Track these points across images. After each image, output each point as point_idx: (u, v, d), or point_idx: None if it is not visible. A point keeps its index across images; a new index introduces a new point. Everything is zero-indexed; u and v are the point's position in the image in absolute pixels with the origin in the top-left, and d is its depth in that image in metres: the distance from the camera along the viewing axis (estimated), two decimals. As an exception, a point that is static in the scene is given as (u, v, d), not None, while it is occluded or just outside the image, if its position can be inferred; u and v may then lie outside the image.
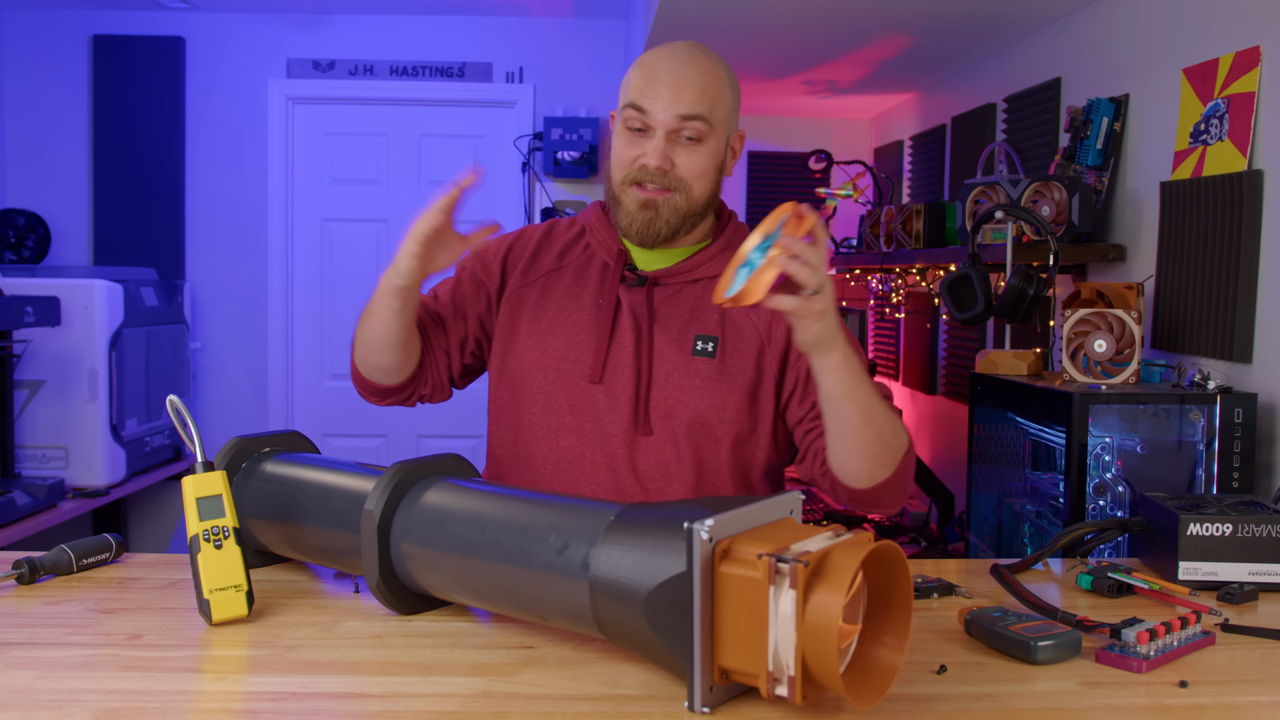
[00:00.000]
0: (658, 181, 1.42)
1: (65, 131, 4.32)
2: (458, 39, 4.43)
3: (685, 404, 1.44)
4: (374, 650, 1.03)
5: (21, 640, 1.05)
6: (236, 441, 1.30)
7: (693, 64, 1.42)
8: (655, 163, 1.40)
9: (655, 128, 1.40)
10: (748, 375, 1.45)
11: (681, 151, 1.41)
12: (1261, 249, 2.02)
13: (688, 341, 1.45)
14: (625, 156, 1.44)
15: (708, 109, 1.40)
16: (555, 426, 1.46)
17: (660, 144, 1.40)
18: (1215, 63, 2.16)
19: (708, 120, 1.41)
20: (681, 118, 1.39)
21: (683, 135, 1.41)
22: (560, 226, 1.59)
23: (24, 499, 2.90)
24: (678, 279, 1.48)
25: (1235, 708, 0.92)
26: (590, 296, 1.49)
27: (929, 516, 3.46)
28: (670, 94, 1.39)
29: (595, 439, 1.45)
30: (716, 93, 1.42)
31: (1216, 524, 1.27)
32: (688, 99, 1.39)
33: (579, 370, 1.46)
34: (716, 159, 1.45)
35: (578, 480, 1.45)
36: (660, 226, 1.44)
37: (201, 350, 4.40)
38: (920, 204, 3.30)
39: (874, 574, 0.89)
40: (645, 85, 1.41)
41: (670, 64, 1.41)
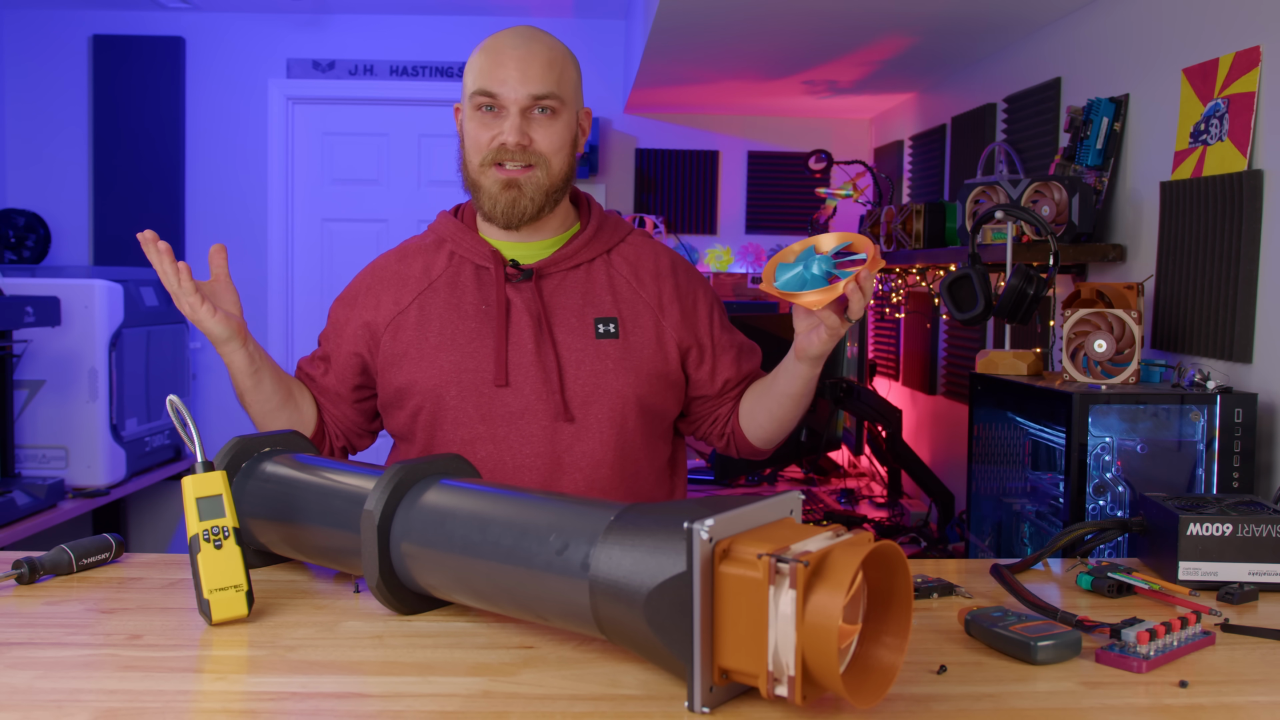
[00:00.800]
0: (518, 159, 1.43)
1: (65, 131, 4.32)
2: (458, 39, 4.43)
3: (604, 387, 1.46)
4: (374, 650, 1.03)
5: (21, 640, 1.05)
6: (236, 441, 1.30)
7: (535, 40, 1.45)
8: (514, 139, 1.41)
9: (508, 106, 1.42)
10: (650, 347, 1.50)
11: (537, 127, 1.43)
12: (1261, 249, 2.02)
13: (588, 326, 1.48)
14: (480, 139, 1.45)
15: (556, 84, 1.43)
16: (469, 439, 1.46)
17: (516, 120, 1.41)
18: (1215, 63, 2.16)
19: (558, 96, 1.43)
20: (534, 96, 1.41)
21: (535, 111, 1.43)
22: (411, 246, 1.58)
23: (24, 499, 2.90)
24: (559, 267, 1.50)
25: (1235, 708, 0.92)
26: (471, 304, 1.48)
27: (929, 516, 3.46)
28: (519, 72, 1.41)
29: (513, 442, 1.45)
30: (562, 68, 1.45)
31: (1216, 524, 1.27)
32: (536, 75, 1.42)
33: (481, 378, 1.45)
34: (570, 133, 1.47)
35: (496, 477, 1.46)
36: (525, 205, 1.45)
37: (201, 350, 4.40)
38: (920, 204, 3.30)
39: (874, 574, 0.89)
40: (493, 68, 1.43)
41: (513, 43, 1.44)
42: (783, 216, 4.73)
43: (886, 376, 4.40)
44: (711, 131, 4.72)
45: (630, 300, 1.52)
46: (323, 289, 4.50)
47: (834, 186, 4.19)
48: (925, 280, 3.49)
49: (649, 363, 1.50)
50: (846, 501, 3.77)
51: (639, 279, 1.53)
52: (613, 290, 1.51)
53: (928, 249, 3.20)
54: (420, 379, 1.48)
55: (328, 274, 4.50)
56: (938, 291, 2.95)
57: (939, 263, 3.11)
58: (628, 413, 1.48)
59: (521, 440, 1.45)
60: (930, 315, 3.83)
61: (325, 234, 4.50)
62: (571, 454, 1.45)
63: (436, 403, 1.47)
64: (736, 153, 4.73)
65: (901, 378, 4.20)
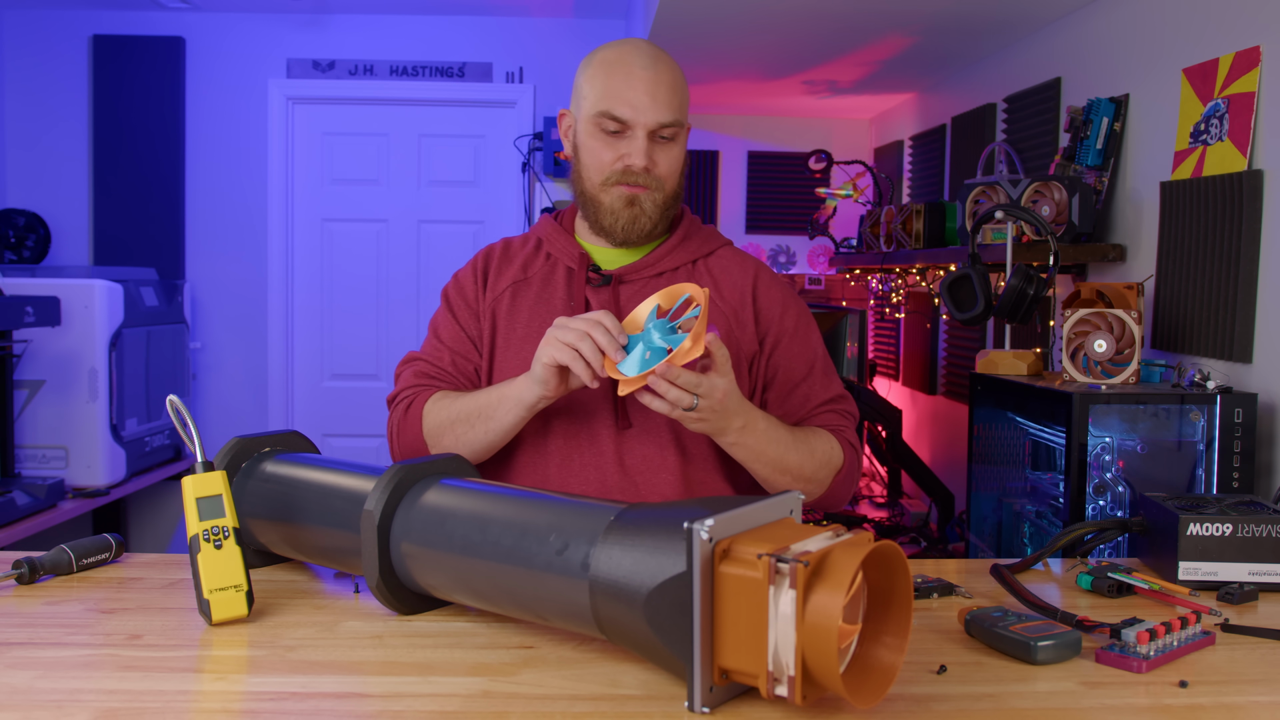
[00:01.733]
0: (640, 181, 1.44)
1: (65, 131, 4.32)
2: (458, 39, 4.43)
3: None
4: (374, 650, 1.03)
5: (21, 640, 1.05)
6: (236, 441, 1.30)
7: (661, 62, 1.45)
8: (642, 163, 1.43)
9: (635, 129, 1.43)
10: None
11: (660, 151, 1.45)
12: (1261, 249, 2.02)
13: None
14: (604, 159, 1.46)
15: (680, 110, 1.45)
16: (545, 431, 1.47)
17: (643, 144, 1.43)
18: (1215, 63, 2.16)
19: (681, 122, 1.46)
20: (661, 124, 1.43)
21: (660, 135, 1.44)
22: (515, 243, 1.60)
23: (24, 499, 2.90)
24: (641, 274, 1.50)
25: (1235, 708, 0.92)
26: (560, 301, 1.50)
27: (929, 516, 3.46)
28: (649, 98, 1.42)
29: (583, 439, 1.46)
30: (683, 92, 1.47)
31: (1216, 524, 1.27)
32: (664, 101, 1.43)
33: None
34: (684, 153, 1.50)
35: (566, 480, 1.46)
36: (645, 222, 1.47)
37: (201, 350, 4.40)
38: (920, 204, 3.30)
39: (874, 574, 0.89)
40: (621, 89, 1.43)
41: (641, 63, 1.44)
42: (783, 216, 4.73)
43: (886, 376, 4.40)
44: (711, 131, 4.72)
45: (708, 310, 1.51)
46: (323, 289, 4.50)
47: (834, 186, 4.19)
48: (925, 280, 3.49)
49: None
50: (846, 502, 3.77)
51: (720, 290, 1.52)
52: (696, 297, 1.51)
53: (928, 249, 3.20)
54: (510, 366, 1.49)
55: (328, 274, 4.50)
56: (938, 291, 2.95)
57: (939, 263, 3.11)
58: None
59: (590, 438, 1.46)
60: (930, 315, 3.83)
61: (325, 234, 4.50)
62: (633, 457, 1.45)
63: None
64: (736, 153, 4.73)
65: (901, 378, 4.20)
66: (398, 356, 4.51)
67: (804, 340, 1.54)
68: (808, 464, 1.42)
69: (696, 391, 1.24)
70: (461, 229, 4.50)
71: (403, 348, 4.51)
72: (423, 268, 4.51)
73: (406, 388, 1.53)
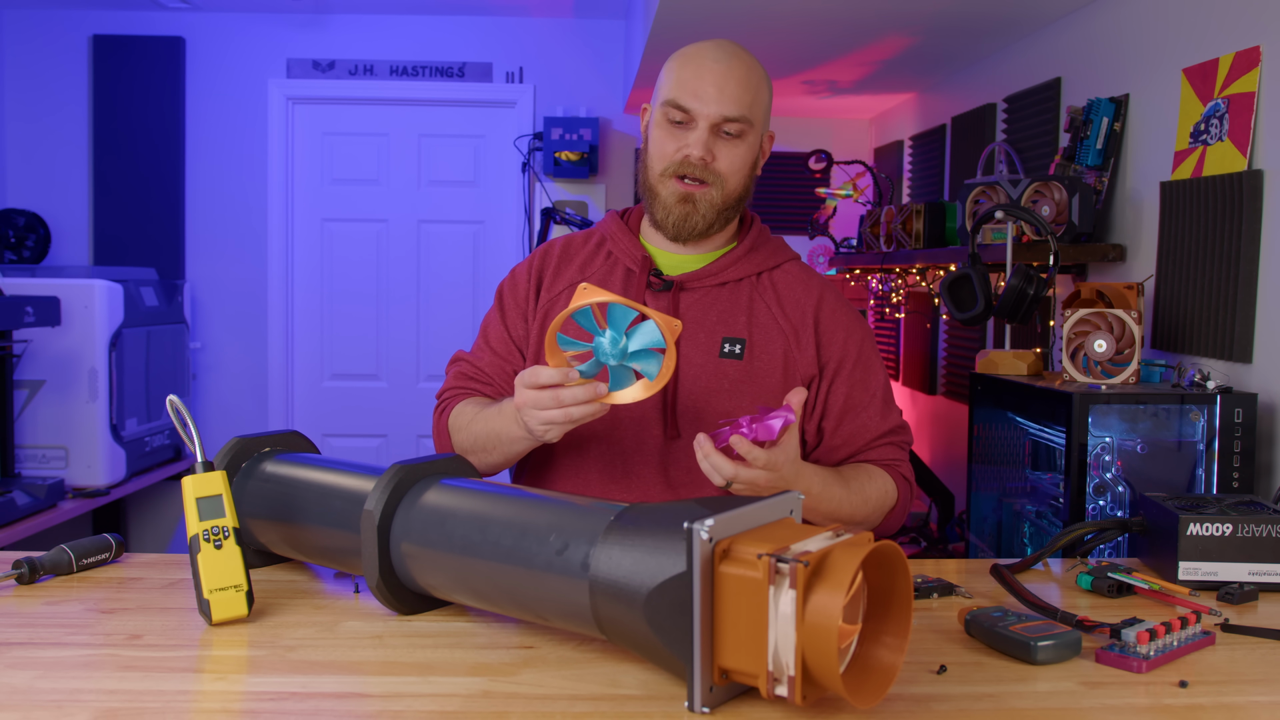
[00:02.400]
0: (697, 174, 1.41)
1: (65, 131, 4.32)
2: (458, 39, 4.43)
3: (713, 406, 1.43)
4: (374, 650, 1.03)
5: (21, 640, 1.05)
6: (236, 441, 1.30)
7: (736, 58, 1.42)
8: (699, 153, 1.40)
9: (699, 120, 1.40)
10: (775, 375, 1.45)
11: (722, 146, 1.42)
12: (1261, 249, 2.02)
13: (715, 344, 1.45)
14: (667, 149, 1.43)
15: (749, 107, 1.41)
16: (588, 436, 1.45)
17: (704, 136, 1.40)
18: (1215, 63, 2.16)
19: (749, 119, 1.42)
20: (726, 118, 1.40)
21: (724, 130, 1.41)
22: (577, 240, 1.58)
23: (24, 499, 2.90)
24: (704, 283, 1.48)
25: (1235, 708, 0.92)
26: None
27: (929, 516, 3.46)
28: (716, 91, 1.39)
29: (628, 445, 1.44)
30: (757, 90, 1.43)
31: (1216, 524, 1.27)
32: (732, 95, 1.39)
33: None
34: (753, 155, 1.46)
35: (608, 488, 1.44)
36: (697, 221, 1.44)
37: (201, 350, 4.40)
38: (920, 204, 3.30)
39: (874, 574, 0.89)
40: (691, 80, 1.40)
41: (715, 56, 1.41)
42: (783, 216, 4.72)
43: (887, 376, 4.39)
44: (711, 131, 4.71)
45: (765, 325, 1.47)
46: (323, 289, 4.50)
47: (834, 186, 4.19)
48: (925, 280, 3.49)
49: (768, 388, 1.45)
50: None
51: (782, 305, 1.49)
52: (750, 312, 1.48)
53: (928, 249, 3.20)
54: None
55: (328, 274, 4.50)
56: (938, 291, 2.95)
57: (939, 263, 3.11)
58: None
59: (635, 447, 1.44)
60: (930, 315, 3.83)
61: (325, 234, 4.50)
62: (678, 468, 1.44)
63: None
64: (736, 153, 4.73)
65: (901, 378, 4.20)
66: (398, 356, 4.51)
67: (866, 368, 1.50)
68: (860, 511, 1.40)
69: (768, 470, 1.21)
70: (461, 229, 4.50)
71: (403, 347, 4.51)
72: (423, 268, 4.51)
73: (448, 389, 1.53)
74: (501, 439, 1.37)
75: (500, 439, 1.37)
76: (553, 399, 1.22)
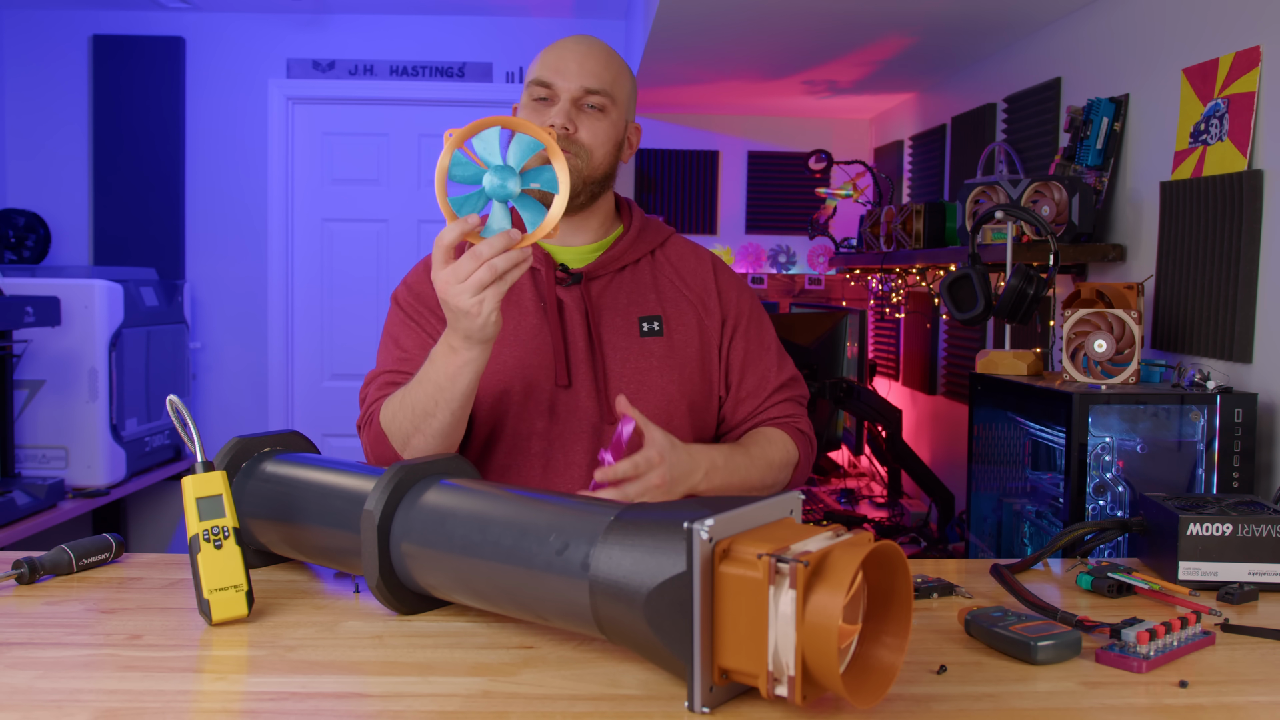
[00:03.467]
0: (561, 144, 1.43)
1: (65, 131, 4.32)
2: (458, 39, 4.43)
3: (646, 385, 1.48)
4: (374, 650, 1.03)
5: (21, 640, 1.05)
6: (236, 441, 1.30)
7: (598, 44, 1.50)
8: (560, 122, 1.44)
9: (560, 95, 1.45)
10: (693, 345, 1.52)
11: (585, 119, 1.46)
12: (1261, 249, 2.02)
13: (633, 326, 1.50)
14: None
15: (611, 84, 1.47)
16: (526, 434, 1.47)
17: (565, 107, 1.45)
18: (1215, 63, 2.16)
19: (610, 95, 1.47)
20: (586, 90, 1.45)
21: (586, 104, 1.46)
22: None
23: (24, 499, 2.90)
24: (607, 269, 1.52)
25: (1235, 708, 0.92)
26: (530, 301, 1.49)
27: (929, 516, 3.46)
28: (577, 67, 1.45)
29: (567, 439, 1.46)
30: (618, 72, 1.49)
31: (1216, 524, 1.27)
32: (593, 70, 1.45)
33: (543, 375, 1.47)
34: (616, 133, 1.50)
35: (549, 481, 1.46)
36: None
37: (201, 350, 4.40)
38: (920, 204, 3.30)
39: (874, 574, 0.89)
40: (553, 60, 1.46)
41: (576, 40, 1.49)
42: (783, 216, 4.73)
43: (886, 376, 4.40)
44: (711, 131, 4.72)
45: (675, 299, 1.54)
46: (323, 289, 4.50)
47: (834, 186, 4.19)
48: (925, 280, 3.49)
49: (693, 360, 1.51)
50: (846, 501, 3.77)
51: (683, 278, 1.56)
52: (657, 289, 1.54)
53: (928, 249, 3.20)
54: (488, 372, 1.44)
55: (328, 274, 4.50)
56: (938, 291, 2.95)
57: (939, 263, 3.11)
58: (674, 412, 1.48)
59: (575, 436, 1.46)
60: (930, 315, 3.83)
61: (325, 234, 4.50)
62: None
63: (500, 397, 1.47)
64: (736, 153, 4.73)
65: (901, 378, 4.20)
66: (398, 356, 4.50)
67: (759, 324, 1.59)
68: (769, 475, 1.48)
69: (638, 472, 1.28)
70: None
71: (403, 348, 4.51)
72: (423, 268, 4.51)
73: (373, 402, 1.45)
74: (440, 384, 1.29)
75: (439, 385, 1.29)
76: (471, 258, 1.17)
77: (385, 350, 1.52)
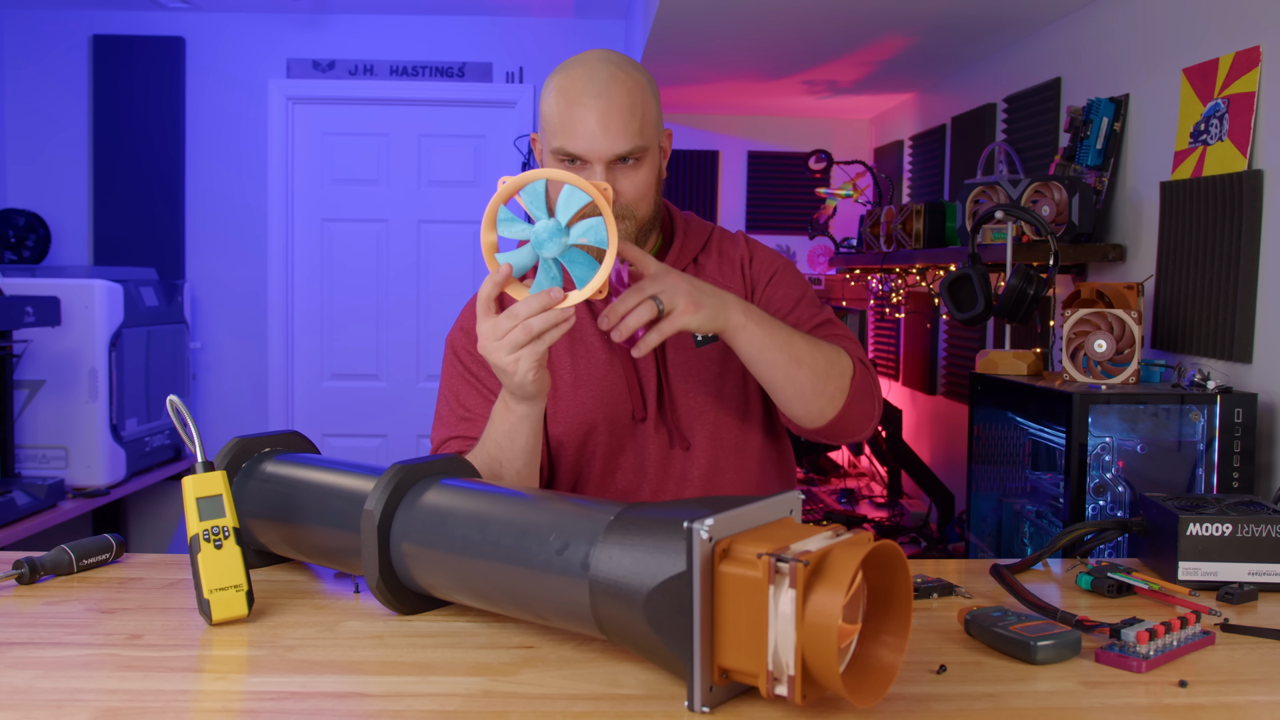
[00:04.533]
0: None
1: (65, 131, 4.32)
2: (458, 39, 4.43)
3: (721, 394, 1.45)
4: (374, 650, 1.03)
5: (21, 640, 1.05)
6: (236, 441, 1.30)
7: (614, 83, 1.32)
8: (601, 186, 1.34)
9: (592, 163, 1.33)
10: None
11: (622, 178, 1.34)
12: (1261, 249, 2.02)
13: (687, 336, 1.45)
14: None
15: (639, 134, 1.33)
16: (612, 470, 1.45)
17: (600, 173, 1.32)
18: (1215, 63, 2.16)
19: (643, 145, 1.34)
20: (619, 156, 1.32)
21: (619, 162, 1.34)
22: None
23: (24, 499, 2.90)
24: None
25: (1235, 708, 0.92)
26: (594, 336, 1.45)
27: (929, 516, 3.46)
28: (601, 128, 1.31)
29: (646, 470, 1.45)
30: (644, 110, 1.34)
31: (1216, 524, 1.27)
32: (618, 129, 1.31)
33: (623, 410, 1.44)
34: (655, 173, 1.39)
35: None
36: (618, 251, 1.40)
37: (201, 350, 4.40)
38: (920, 204, 3.30)
39: (874, 574, 0.89)
40: (573, 124, 1.31)
41: (592, 90, 1.31)
42: (783, 216, 4.73)
43: (886, 376, 4.40)
44: (711, 131, 4.72)
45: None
46: (323, 289, 4.50)
47: (834, 186, 4.19)
48: (925, 280, 3.49)
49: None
50: (846, 501, 3.77)
51: (724, 273, 1.50)
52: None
53: (928, 249, 3.20)
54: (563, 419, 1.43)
55: (328, 274, 4.50)
56: (938, 291, 2.95)
57: (939, 263, 3.11)
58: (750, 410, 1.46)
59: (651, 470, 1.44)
60: (930, 315, 3.83)
61: (325, 234, 4.50)
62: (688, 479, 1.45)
63: (584, 441, 1.44)
64: (736, 153, 4.73)
65: (901, 378, 4.20)
66: (398, 356, 4.51)
67: (792, 278, 1.51)
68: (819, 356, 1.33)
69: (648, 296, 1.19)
70: (461, 229, 4.50)
71: (403, 347, 4.51)
72: (423, 268, 4.51)
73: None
74: (501, 443, 1.30)
75: (499, 444, 1.30)
76: (508, 317, 1.15)
77: (446, 406, 1.48)
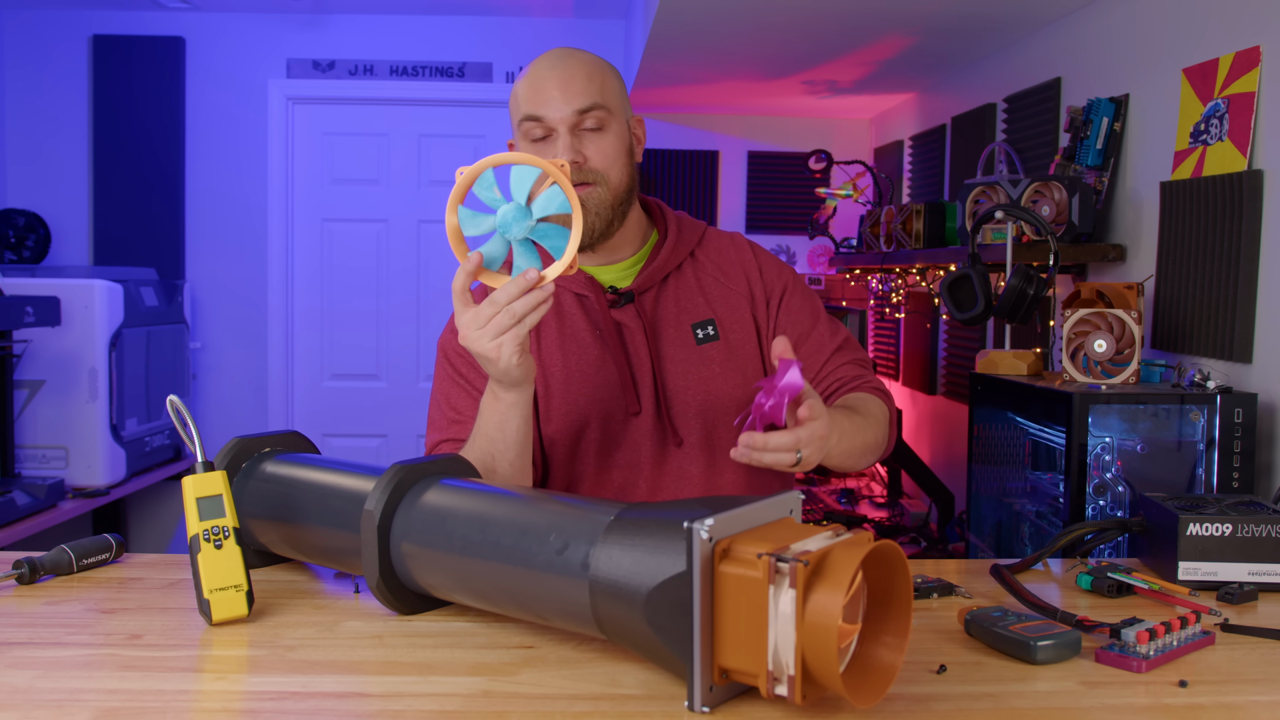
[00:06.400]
0: (576, 178, 1.37)
1: (65, 131, 4.32)
2: (458, 39, 4.43)
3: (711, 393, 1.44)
4: (374, 650, 1.03)
5: (21, 640, 1.05)
6: (236, 441, 1.30)
7: (571, 57, 1.40)
8: (569, 157, 1.36)
9: (556, 127, 1.37)
10: (751, 340, 1.47)
11: (588, 143, 1.38)
12: (1261, 249, 2.02)
13: (688, 334, 1.46)
14: None
15: (599, 94, 1.38)
16: (608, 466, 1.45)
17: (566, 139, 1.37)
18: (1215, 63, 2.16)
19: (604, 106, 1.38)
20: (579, 112, 1.37)
21: (584, 126, 1.38)
22: None
23: (24, 499, 2.90)
24: (652, 281, 1.47)
25: (1235, 708, 0.92)
26: (586, 329, 1.45)
27: (929, 516, 3.46)
28: (560, 91, 1.37)
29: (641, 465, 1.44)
30: (602, 79, 1.40)
31: (1216, 524, 1.27)
32: (578, 89, 1.37)
33: (617, 405, 1.44)
34: (624, 143, 1.42)
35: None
36: (593, 221, 1.40)
37: (201, 350, 4.40)
38: (920, 204, 3.30)
39: (874, 574, 0.89)
40: (534, 93, 1.38)
41: (550, 64, 1.40)
42: (783, 216, 4.73)
43: (886, 376, 4.40)
44: (711, 131, 4.72)
45: (723, 297, 1.49)
46: (323, 289, 4.50)
47: (834, 186, 4.19)
48: (925, 280, 3.49)
49: (753, 356, 1.47)
50: (846, 501, 3.77)
51: (725, 273, 1.50)
52: (704, 291, 1.48)
53: (928, 249, 3.20)
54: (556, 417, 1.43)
55: (328, 274, 4.50)
56: (938, 291, 2.95)
57: (939, 263, 3.11)
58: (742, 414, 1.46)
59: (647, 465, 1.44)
60: (930, 315, 3.83)
61: (325, 234, 4.50)
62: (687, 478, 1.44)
63: (578, 437, 1.44)
64: (736, 153, 4.73)
65: (901, 378, 4.20)
66: (398, 356, 4.51)
67: (803, 293, 1.53)
68: (879, 431, 1.39)
69: (797, 449, 1.13)
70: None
71: (403, 348, 4.51)
72: (423, 268, 4.51)
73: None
74: (492, 435, 1.29)
75: (491, 436, 1.30)
76: (489, 304, 1.16)
77: (437, 409, 1.48)
